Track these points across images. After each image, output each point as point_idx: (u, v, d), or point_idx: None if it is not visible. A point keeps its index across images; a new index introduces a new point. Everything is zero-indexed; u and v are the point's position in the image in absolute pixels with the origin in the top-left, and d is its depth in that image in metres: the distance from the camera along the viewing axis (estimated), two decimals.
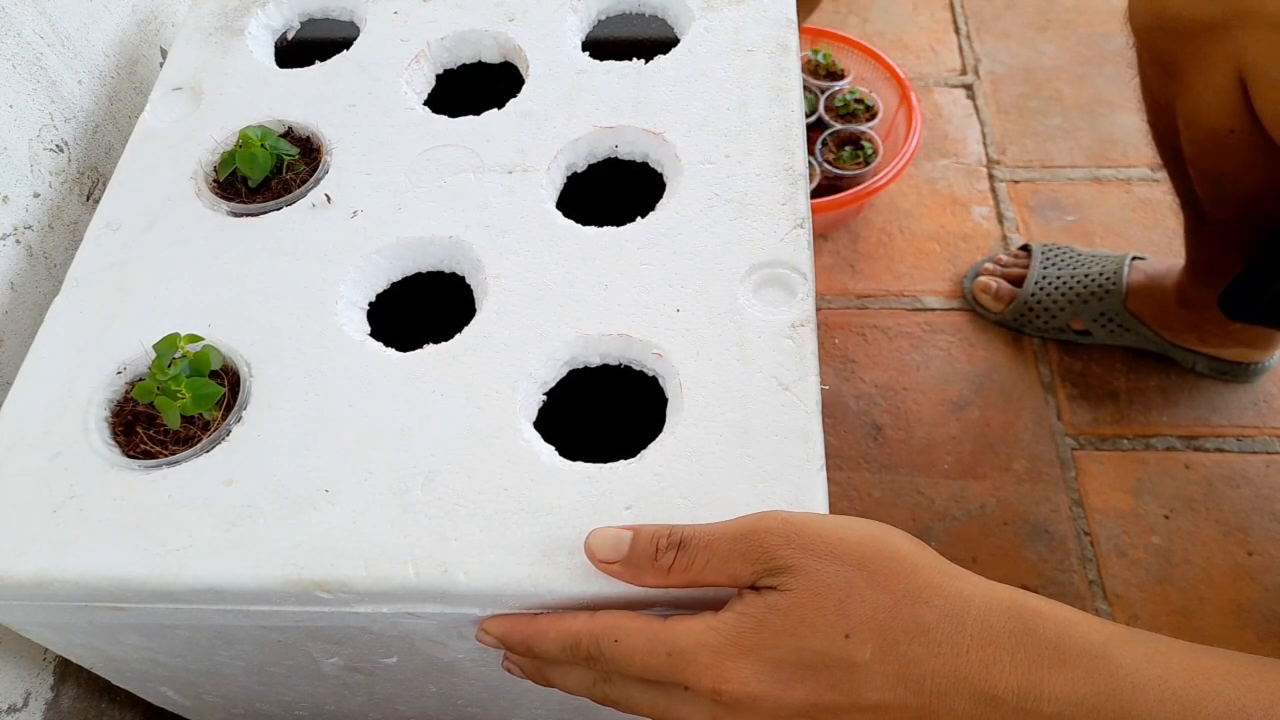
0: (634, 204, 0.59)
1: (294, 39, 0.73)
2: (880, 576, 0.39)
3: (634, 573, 0.42)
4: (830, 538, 0.40)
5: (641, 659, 0.40)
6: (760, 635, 0.39)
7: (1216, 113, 0.70)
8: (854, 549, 0.39)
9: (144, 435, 0.51)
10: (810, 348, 0.51)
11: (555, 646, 0.43)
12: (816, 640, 0.38)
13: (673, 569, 0.41)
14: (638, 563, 0.42)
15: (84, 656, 0.57)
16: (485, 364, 0.52)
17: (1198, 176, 0.80)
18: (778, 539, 0.40)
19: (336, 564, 0.46)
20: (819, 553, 0.39)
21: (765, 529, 0.40)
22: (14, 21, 0.63)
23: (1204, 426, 1.01)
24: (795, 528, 0.40)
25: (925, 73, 1.35)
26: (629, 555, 0.42)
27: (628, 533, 0.43)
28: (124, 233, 0.60)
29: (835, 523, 0.40)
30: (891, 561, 0.39)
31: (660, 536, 0.42)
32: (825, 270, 1.16)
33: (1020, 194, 1.22)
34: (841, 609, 0.38)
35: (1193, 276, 0.97)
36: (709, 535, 0.41)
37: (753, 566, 0.40)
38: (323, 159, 0.62)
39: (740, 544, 0.40)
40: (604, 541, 0.43)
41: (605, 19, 0.72)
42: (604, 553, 0.43)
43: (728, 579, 0.41)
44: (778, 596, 0.39)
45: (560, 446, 0.50)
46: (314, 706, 0.64)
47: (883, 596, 0.38)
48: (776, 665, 0.38)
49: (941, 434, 1.02)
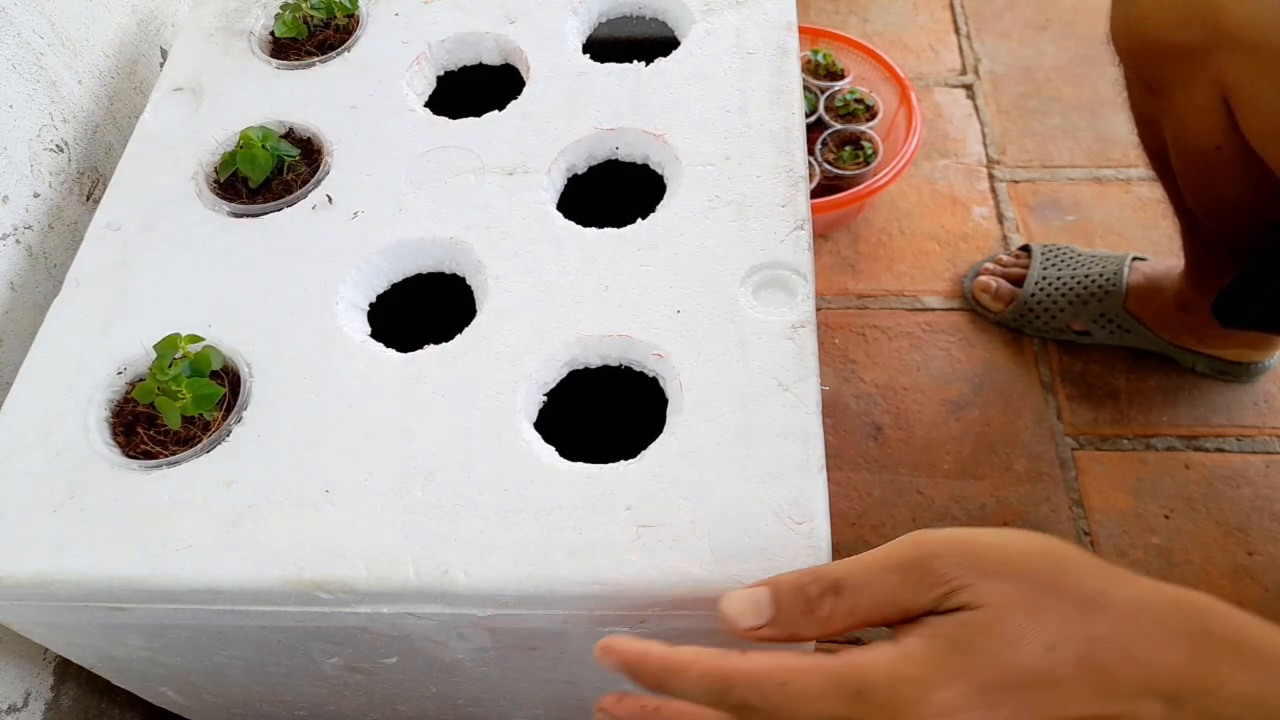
0: (634, 206, 0.59)
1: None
2: (1057, 587, 0.37)
3: (788, 631, 0.39)
4: (998, 553, 0.38)
5: (821, 704, 0.36)
6: (964, 657, 0.36)
7: (1202, 131, 0.70)
8: (1023, 562, 0.37)
9: (144, 435, 0.51)
10: (810, 348, 0.51)
11: (697, 688, 0.38)
12: (1021, 655, 0.35)
13: (834, 617, 0.38)
14: (789, 621, 0.39)
15: (84, 656, 0.57)
16: (486, 365, 0.52)
17: (1188, 190, 0.80)
18: (947, 562, 0.37)
19: (336, 564, 0.46)
20: (991, 571, 0.37)
21: (932, 554, 0.37)
22: (14, 21, 0.63)
23: (1204, 426, 1.01)
24: (961, 547, 0.38)
25: (925, 73, 1.35)
26: (776, 615, 0.39)
27: (764, 590, 0.39)
28: (124, 233, 0.60)
29: (995, 536, 0.38)
30: (1061, 571, 0.37)
31: (806, 585, 0.38)
32: (825, 270, 1.16)
33: (1020, 194, 1.22)
34: (1035, 622, 0.36)
35: (1190, 281, 0.97)
36: (865, 572, 0.38)
37: (927, 594, 0.37)
38: (323, 160, 0.62)
39: (910, 574, 0.37)
40: (741, 607, 0.39)
41: (606, 21, 0.72)
42: (745, 619, 0.39)
43: (899, 613, 0.37)
44: (970, 615, 0.36)
45: (561, 447, 0.50)
46: (314, 706, 0.64)
47: (1067, 606, 0.36)
48: (984, 690, 0.35)
49: (941, 434, 1.02)
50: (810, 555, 0.44)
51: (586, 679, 0.56)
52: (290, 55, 0.69)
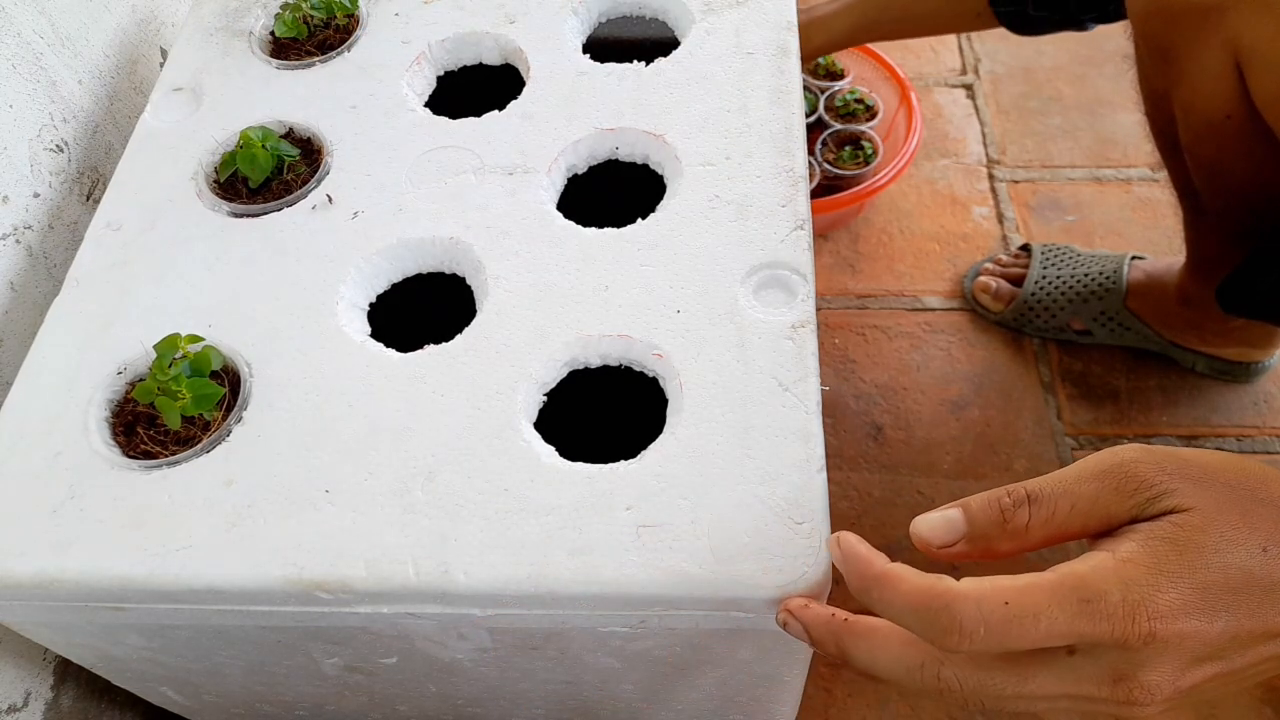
0: (634, 206, 0.59)
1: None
2: (1263, 494, 0.36)
3: (983, 546, 0.38)
4: (1200, 460, 0.37)
5: (1049, 619, 0.34)
6: (1185, 557, 0.34)
7: (1213, 98, 0.71)
8: (1225, 471, 0.37)
9: (144, 435, 0.51)
10: (810, 348, 0.51)
11: (905, 603, 0.36)
12: (1239, 555, 0.35)
13: (1030, 526, 0.37)
14: (985, 533, 0.37)
15: (84, 656, 0.57)
16: (486, 365, 0.52)
17: (1195, 165, 0.80)
18: (1149, 467, 0.36)
19: (336, 564, 0.46)
20: (1195, 477, 0.36)
21: (1131, 459, 0.37)
22: (14, 21, 0.63)
23: (1204, 426, 1.01)
24: (1161, 455, 0.37)
25: (925, 73, 1.35)
26: (970, 530, 0.38)
27: (955, 509, 0.38)
28: (124, 233, 0.60)
29: (1191, 450, 0.37)
30: (1266, 480, 0.37)
31: (999, 498, 0.37)
32: (825, 270, 1.16)
33: (1020, 194, 1.22)
34: (1248, 523, 0.35)
35: (1192, 272, 0.97)
36: (1061, 482, 0.37)
37: (1131, 499, 0.36)
38: (324, 160, 0.62)
39: (1109, 480, 0.36)
40: (933, 527, 0.38)
41: (606, 21, 0.72)
42: (938, 537, 0.38)
43: (1100, 521, 0.37)
44: (1184, 516, 0.35)
45: (561, 447, 0.50)
46: (314, 706, 0.64)
47: (1274, 511, 0.36)
48: (1205, 591, 0.34)
49: (941, 434, 1.02)
50: (810, 555, 0.44)
51: (586, 679, 0.56)
52: (290, 55, 0.69)
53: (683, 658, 0.51)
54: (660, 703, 0.60)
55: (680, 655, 0.51)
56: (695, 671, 0.54)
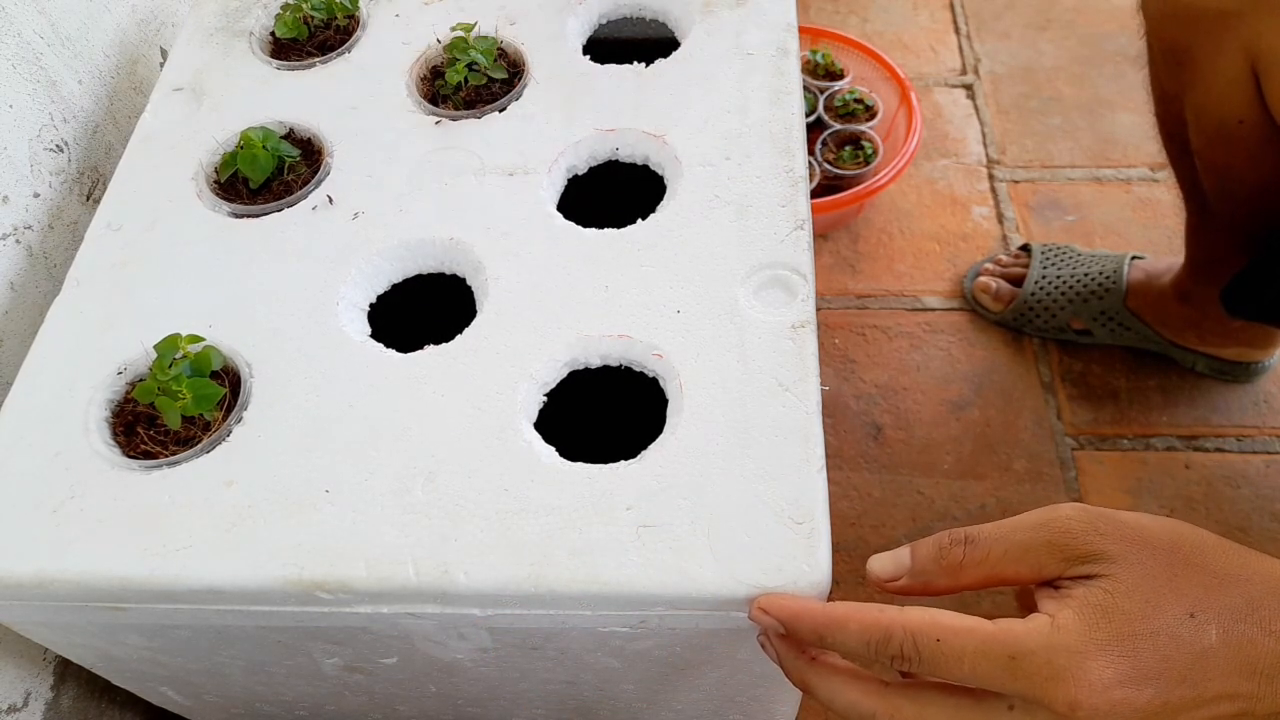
0: (634, 206, 0.59)
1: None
2: (1195, 559, 0.37)
3: (922, 581, 0.40)
4: (1133, 525, 0.38)
5: (972, 663, 0.36)
6: (1113, 624, 0.36)
7: (1227, 103, 0.71)
8: (1159, 535, 0.38)
9: (144, 435, 0.51)
10: (810, 348, 0.51)
11: (856, 640, 0.39)
12: (1166, 621, 0.35)
13: (964, 564, 0.39)
14: (923, 569, 0.40)
15: (84, 656, 0.57)
16: (486, 365, 0.52)
17: (1205, 169, 0.80)
18: (1082, 525, 0.38)
19: (336, 564, 0.46)
20: (1128, 539, 0.37)
21: (1066, 516, 0.38)
22: (14, 21, 0.63)
23: (1204, 426, 1.01)
24: (1096, 516, 0.38)
25: (925, 73, 1.35)
26: (912, 565, 0.40)
27: (905, 549, 0.41)
28: (124, 233, 0.60)
29: (1128, 514, 0.39)
30: (1199, 546, 0.38)
31: (942, 537, 0.40)
32: (825, 270, 1.16)
33: (1020, 194, 1.22)
34: (1175, 588, 0.36)
35: (1193, 273, 0.97)
36: (999, 528, 0.39)
37: (1061, 554, 0.38)
38: (324, 160, 0.62)
39: (1042, 533, 0.38)
40: (883, 565, 0.41)
41: (606, 22, 0.72)
42: (885, 572, 0.41)
43: (1030, 571, 0.38)
44: (1113, 582, 0.36)
45: (561, 447, 0.50)
46: (314, 706, 0.64)
47: (1206, 577, 0.36)
48: (1133, 659, 0.35)
49: (941, 434, 1.02)
50: (810, 555, 0.44)
51: (587, 679, 0.56)
52: (291, 56, 0.69)
53: (683, 658, 0.51)
54: (660, 703, 0.60)
55: (680, 655, 0.51)
56: (695, 671, 0.54)
